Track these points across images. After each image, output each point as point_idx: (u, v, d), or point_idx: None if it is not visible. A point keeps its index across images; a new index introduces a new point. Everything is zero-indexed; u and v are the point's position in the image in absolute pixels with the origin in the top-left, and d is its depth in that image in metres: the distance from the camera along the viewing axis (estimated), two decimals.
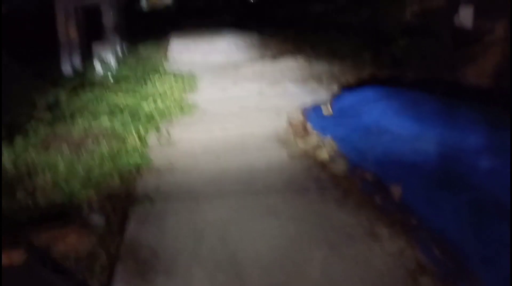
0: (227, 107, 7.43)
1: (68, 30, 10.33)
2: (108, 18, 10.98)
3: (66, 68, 10.18)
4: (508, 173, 3.67)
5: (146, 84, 8.74)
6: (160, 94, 7.85)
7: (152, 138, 5.84)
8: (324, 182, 4.44)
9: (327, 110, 6.55)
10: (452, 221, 3.44)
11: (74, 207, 4.02)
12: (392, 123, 5.18)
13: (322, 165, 4.86)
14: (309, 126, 6.15)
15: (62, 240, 3.50)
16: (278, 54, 13.04)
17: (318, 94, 8.07)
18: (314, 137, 5.71)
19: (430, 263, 3.08)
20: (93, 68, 9.67)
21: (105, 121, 6.15)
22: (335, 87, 8.54)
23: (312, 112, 6.60)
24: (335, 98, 6.97)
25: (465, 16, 11.70)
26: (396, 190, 4.00)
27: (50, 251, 3.37)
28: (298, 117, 6.64)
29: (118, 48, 11.27)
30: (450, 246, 3.20)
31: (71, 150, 5.10)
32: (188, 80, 9.33)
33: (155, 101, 7.26)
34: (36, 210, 3.97)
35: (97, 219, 3.87)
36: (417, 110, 5.20)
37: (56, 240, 3.50)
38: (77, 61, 10.42)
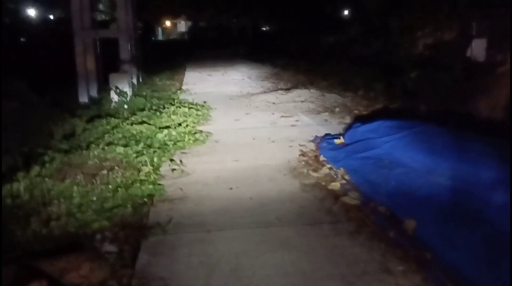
0: (240, 137, 7.51)
1: (86, 61, 10.59)
2: (125, 49, 11.24)
3: (83, 98, 10.40)
4: None
5: (160, 114, 8.89)
6: (174, 124, 7.97)
7: (165, 168, 5.90)
8: (337, 215, 4.43)
9: (339, 141, 6.56)
10: (467, 256, 3.39)
11: (88, 237, 4.05)
12: (405, 156, 5.15)
13: (335, 197, 4.86)
14: (321, 157, 6.17)
15: (75, 270, 3.51)
16: (290, 85, 13.20)
17: (331, 125, 8.14)
18: (326, 169, 5.72)
19: None
20: (110, 98, 9.86)
21: (120, 150, 6.23)
22: (347, 118, 8.61)
23: (325, 143, 6.62)
24: (347, 129, 6.99)
25: (478, 49, 11.79)
26: (410, 224, 3.96)
27: (63, 281, 3.39)
28: (311, 148, 6.68)
29: (134, 78, 11.51)
30: (465, 282, 3.14)
31: (86, 180, 5.16)
32: (201, 110, 9.49)
33: (169, 131, 7.36)
34: (50, 239, 4.00)
35: (110, 249, 3.88)
36: (430, 143, 5.16)
37: (69, 269, 3.50)
38: (94, 91, 10.66)
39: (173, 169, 5.85)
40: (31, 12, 28.05)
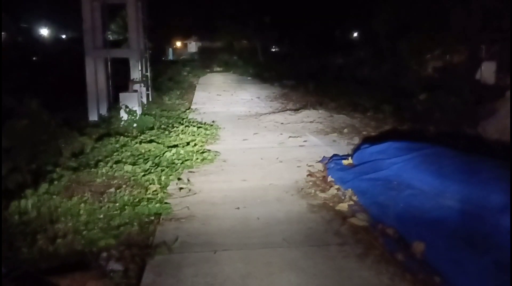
0: (248, 157, 7.50)
1: (96, 80, 10.72)
2: (135, 69, 11.38)
3: (93, 117, 10.50)
4: None
5: (169, 133, 8.93)
6: (182, 143, 8.00)
7: (173, 186, 5.89)
8: (345, 236, 4.38)
9: (347, 162, 6.53)
10: (476, 280, 3.32)
11: (94, 255, 4.03)
12: (414, 178, 5.10)
13: (343, 218, 4.81)
14: (329, 178, 6.14)
15: None
16: (299, 105, 13.23)
17: (339, 146, 8.11)
18: (334, 189, 5.68)
19: None
20: (119, 116, 9.93)
21: (128, 169, 6.24)
22: (356, 139, 8.58)
23: (333, 164, 6.58)
24: (356, 150, 6.96)
25: (487, 72, 11.79)
26: (419, 247, 3.90)
27: None
28: (319, 168, 6.65)
29: (144, 98, 11.61)
30: None
31: (94, 197, 5.17)
32: (210, 129, 9.52)
33: (177, 150, 7.37)
34: (56, 256, 3.99)
35: (115, 268, 3.86)
36: (439, 165, 5.10)
37: None
38: (104, 109, 10.75)
39: (181, 188, 5.84)
40: (44, 31, 28.59)
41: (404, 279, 3.53)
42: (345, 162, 6.59)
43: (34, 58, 18.70)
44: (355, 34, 27.99)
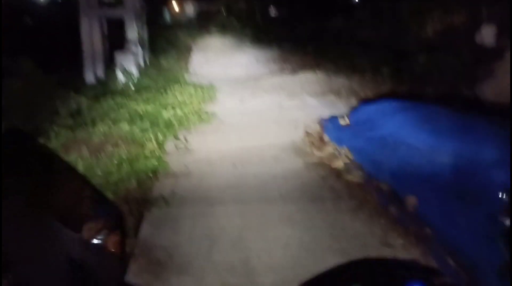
0: (245, 118, 7.49)
1: (91, 40, 10.57)
2: (131, 29, 11.20)
3: (89, 77, 10.41)
4: None
5: (166, 93, 8.88)
6: (179, 103, 7.97)
7: (170, 145, 5.93)
8: (339, 192, 4.45)
9: (344, 122, 6.55)
10: (467, 233, 3.40)
11: None
12: (409, 136, 5.14)
13: (338, 175, 4.87)
14: (325, 137, 6.17)
15: None
16: (297, 67, 13.12)
17: (336, 107, 8.08)
18: (330, 148, 5.72)
19: (444, 273, 3.05)
20: (115, 77, 9.85)
21: (124, 127, 6.26)
22: (353, 100, 8.56)
23: (330, 124, 6.60)
24: (353, 111, 6.97)
25: (487, 34, 11.64)
26: (411, 201, 3.98)
27: None
28: (316, 128, 6.66)
29: (140, 58, 11.48)
30: (464, 257, 3.17)
31: (91, 154, 5.20)
32: (207, 91, 9.44)
33: (174, 110, 7.37)
34: None
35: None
36: (434, 124, 5.14)
37: None
38: (100, 70, 10.64)
39: (178, 147, 5.87)
40: None
41: (396, 230, 3.61)
42: (342, 122, 6.60)
43: (29, 18, 18.36)
44: None
